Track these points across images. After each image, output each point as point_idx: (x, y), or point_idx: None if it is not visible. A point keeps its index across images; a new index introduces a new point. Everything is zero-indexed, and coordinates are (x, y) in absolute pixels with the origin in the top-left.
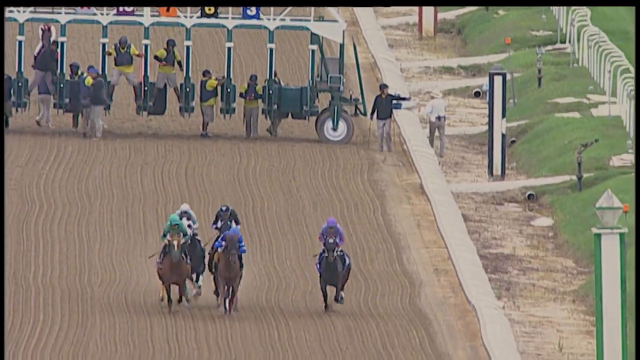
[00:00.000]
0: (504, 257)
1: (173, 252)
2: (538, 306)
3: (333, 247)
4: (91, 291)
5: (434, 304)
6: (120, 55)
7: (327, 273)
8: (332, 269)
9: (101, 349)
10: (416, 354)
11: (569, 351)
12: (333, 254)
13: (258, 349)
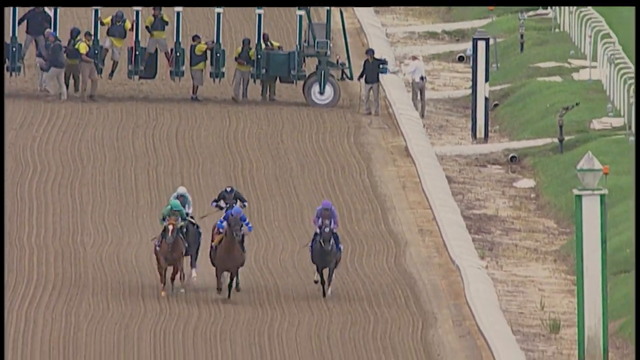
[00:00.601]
0: (487, 218)
1: (167, 238)
2: (520, 266)
3: (329, 237)
4: (84, 251)
5: (418, 264)
6: (113, 27)
7: (320, 256)
8: (325, 253)
9: (94, 308)
10: (401, 312)
11: (551, 310)
12: (329, 244)
13: (247, 307)
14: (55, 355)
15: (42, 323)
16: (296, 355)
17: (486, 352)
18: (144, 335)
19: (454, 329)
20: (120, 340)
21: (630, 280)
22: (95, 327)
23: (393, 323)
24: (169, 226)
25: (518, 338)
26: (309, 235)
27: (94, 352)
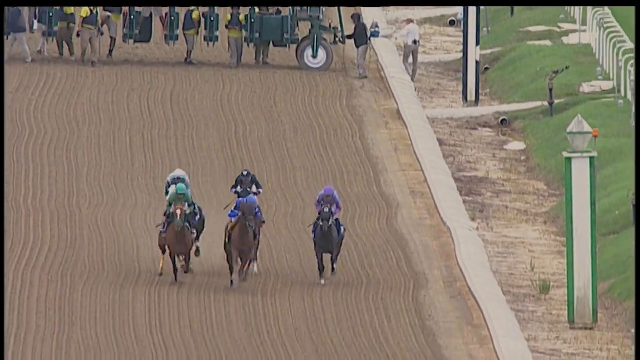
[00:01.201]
0: (478, 180)
1: (176, 221)
2: (511, 227)
3: (328, 216)
4: (79, 213)
5: (410, 225)
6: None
7: (322, 241)
8: (326, 237)
9: (89, 269)
10: (393, 273)
11: (541, 271)
12: (328, 223)
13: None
14: (51, 315)
15: (38, 284)
16: (289, 316)
17: (477, 312)
18: (139, 296)
19: (445, 290)
20: (116, 301)
21: (619, 242)
22: (91, 288)
23: (385, 284)
24: (177, 211)
25: (508, 299)
26: (302, 197)
27: (90, 313)
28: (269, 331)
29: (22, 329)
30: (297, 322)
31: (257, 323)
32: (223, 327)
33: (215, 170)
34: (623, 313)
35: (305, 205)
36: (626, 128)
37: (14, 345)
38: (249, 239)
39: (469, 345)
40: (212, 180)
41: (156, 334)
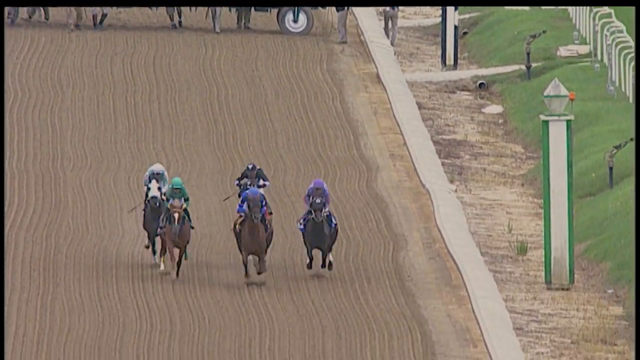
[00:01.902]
0: (456, 143)
1: (173, 226)
2: (488, 189)
3: (320, 207)
4: (64, 175)
5: (389, 188)
6: None
7: (313, 234)
8: (318, 230)
9: (73, 231)
10: (373, 235)
11: (518, 232)
12: (320, 214)
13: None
14: (35, 276)
15: (22, 245)
16: (270, 277)
17: (455, 273)
18: (122, 258)
19: (424, 251)
20: (99, 262)
21: (595, 204)
22: (75, 250)
23: (365, 245)
24: (175, 214)
25: (486, 260)
26: (283, 160)
27: (74, 274)
28: (250, 292)
29: (7, 289)
30: (278, 283)
31: (239, 285)
32: (205, 289)
33: (197, 134)
34: (599, 274)
35: (285, 167)
36: (602, 92)
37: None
38: (259, 237)
39: (447, 305)
40: (194, 143)
41: (139, 295)
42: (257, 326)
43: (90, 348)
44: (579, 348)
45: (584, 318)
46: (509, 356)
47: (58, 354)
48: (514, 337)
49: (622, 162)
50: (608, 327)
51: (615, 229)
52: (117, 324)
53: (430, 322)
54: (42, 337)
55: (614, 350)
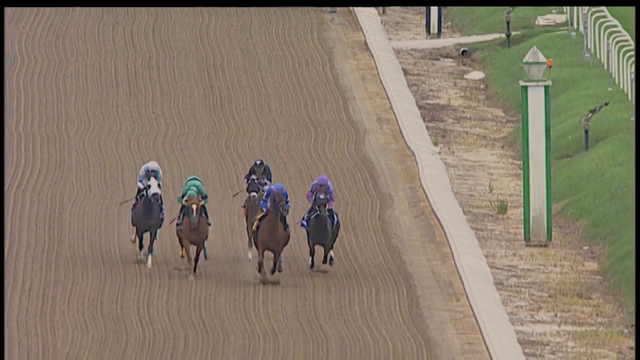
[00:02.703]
0: (440, 107)
1: (192, 218)
2: (471, 151)
3: (324, 202)
4: (67, 138)
5: (377, 150)
6: None
7: (316, 231)
8: (322, 226)
9: (77, 190)
10: (361, 194)
11: (499, 192)
12: (324, 209)
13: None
14: (41, 234)
15: (29, 204)
16: None
17: (439, 231)
18: (123, 216)
19: (409, 210)
20: (102, 219)
21: (572, 165)
22: (78, 208)
23: (353, 204)
24: (192, 205)
25: (468, 218)
26: (276, 123)
27: (77, 231)
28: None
29: (14, 246)
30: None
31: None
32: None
33: (194, 98)
34: (575, 231)
35: (278, 130)
36: (578, 59)
37: (7, 261)
38: (277, 234)
39: (431, 261)
40: (191, 107)
41: (139, 253)
42: (250, 282)
43: (93, 301)
44: (556, 302)
45: (560, 273)
46: (489, 309)
47: (62, 306)
48: (494, 291)
49: (597, 126)
50: (583, 282)
51: (590, 189)
52: (118, 279)
53: (415, 277)
54: (47, 290)
55: (589, 304)
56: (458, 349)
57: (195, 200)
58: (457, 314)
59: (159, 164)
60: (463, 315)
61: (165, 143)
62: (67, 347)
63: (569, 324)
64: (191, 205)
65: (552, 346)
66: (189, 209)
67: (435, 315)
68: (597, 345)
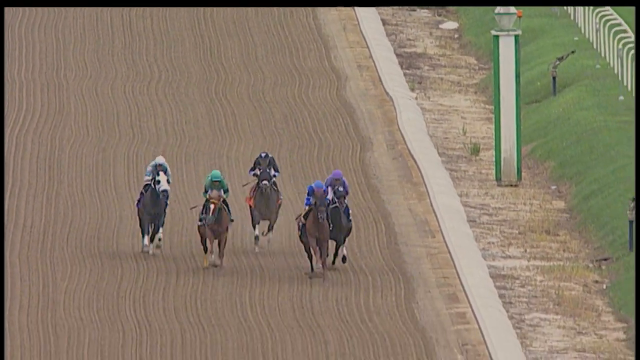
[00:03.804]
0: (416, 55)
1: (208, 218)
2: (445, 97)
3: (343, 194)
4: (66, 84)
5: (357, 95)
6: None
7: (332, 225)
8: (337, 221)
9: (75, 133)
10: (342, 137)
11: (472, 135)
12: (344, 202)
13: None
14: (41, 174)
15: (30, 146)
16: (251, 176)
17: (415, 171)
18: (119, 157)
19: (387, 152)
20: (98, 161)
21: (540, 110)
22: (77, 150)
23: (335, 147)
24: (211, 205)
25: (443, 159)
26: (262, 70)
27: (75, 171)
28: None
29: (16, 186)
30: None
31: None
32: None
33: (185, 47)
34: (544, 172)
35: (264, 77)
36: (547, 9)
37: (9, 200)
38: (324, 227)
39: (408, 200)
40: (182, 56)
41: (134, 189)
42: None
43: (90, 238)
44: (526, 238)
45: (530, 211)
46: (463, 245)
47: (62, 242)
48: (467, 228)
49: (564, 73)
50: (551, 220)
51: (558, 132)
52: (114, 217)
53: (393, 215)
54: (48, 227)
55: (557, 240)
56: (433, 283)
57: (215, 199)
58: (433, 250)
59: (152, 109)
60: (438, 250)
61: (158, 89)
62: (66, 281)
63: (538, 259)
64: (210, 204)
65: (521, 280)
66: (207, 209)
67: (412, 250)
68: (564, 279)
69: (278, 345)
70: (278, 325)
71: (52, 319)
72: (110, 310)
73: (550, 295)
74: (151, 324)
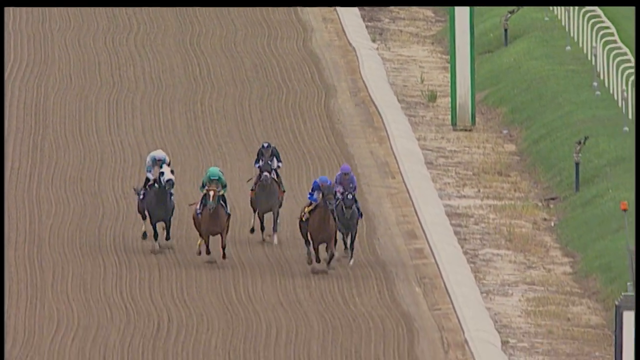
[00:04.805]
0: (377, 9)
1: (209, 203)
2: (404, 47)
3: (351, 204)
4: (51, 35)
5: (322, 46)
6: None
7: (341, 219)
8: (346, 217)
9: (59, 81)
10: (308, 85)
11: (429, 83)
12: (350, 211)
13: None
14: (28, 119)
15: (17, 94)
16: (223, 122)
17: (376, 117)
18: (101, 104)
19: (351, 99)
20: (81, 107)
21: (493, 59)
22: (61, 98)
23: (301, 94)
24: (210, 192)
25: (402, 106)
26: (235, 24)
27: (60, 118)
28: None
29: (5, 131)
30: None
31: None
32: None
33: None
34: (496, 117)
35: (236, 29)
36: None
37: None
38: (329, 226)
39: (370, 144)
40: (160, 9)
41: (114, 132)
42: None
43: (74, 179)
44: (479, 179)
45: (483, 154)
46: (421, 186)
47: (47, 183)
48: (425, 170)
49: (515, 25)
50: (503, 162)
51: (509, 80)
52: (96, 159)
53: (356, 157)
54: (34, 169)
55: (508, 181)
56: (393, 221)
57: (213, 187)
58: (393, 190)
59: (132, 59)
60: (398, 191)
61: (136, 40)
62: (51, 219)
63: (490, 199)
64: (209, 191)
65: (475, 218)
66: (207, 196)
67: (374, 191)
68: (514, 217)
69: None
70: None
71: (37, 255)
72: (92, 247)
73: (502, 232)
74: (130, 261)
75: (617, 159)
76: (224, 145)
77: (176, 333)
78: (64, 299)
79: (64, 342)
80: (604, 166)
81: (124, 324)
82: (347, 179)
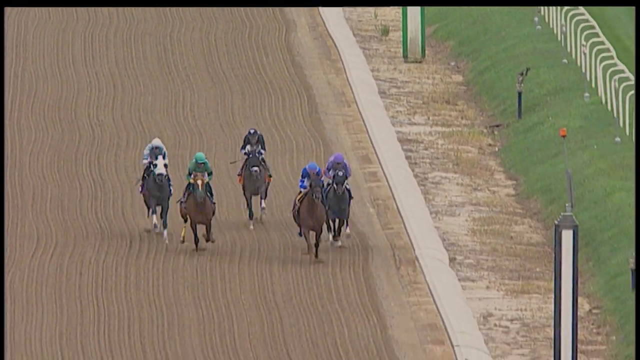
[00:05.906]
0: None
1: (198, 192)
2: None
3: (342, 180)
4: None
5: (294, 11)
6: None
7: (335, 205)
8: (340, 200)
9: (38, 17)
10: (269, 20)
11: (382, 18)
12: (342, 187)
13: None
14: (8, 51)
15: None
16: (191, 54)
17: (334, 50)
18: (77, 37)
19: (309, 33)
20: (59, 40)
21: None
22: (40, 31)
23: (264, 28)
24: (198, 181)
25: (357, 39)
26: (215, 17)
27: (39, 50)
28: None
29: None
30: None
31: None
32: None
33: None
34: (444, 50)
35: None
36: None
37: None
38: (317, 214)
39: (327, 74)
40: None
41: (90, 65)
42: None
43: (52, 107)
44: (429, 107)
45: (432, 84)
46: (374, 114)
47: (27, 112)
48: (378, 99)
49: None
50: (451, 91)
51: (457, 15)
52: (73, 89)
53: (314, 87)
54: (15, 98)
55: (456, 109)
56: (349, 146)
57: (201, 176)
58: (349, 118)
59: (108, 19)
60: (353, 118)
61: None
62: (31, 145)
63: (439, 126)
64: (197, 181)
65: (425, 143)
66: (195, 185)
67: (331, 118)
68: (462, 143)
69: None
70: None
71: (18, 177)
72: (69, 170)
73: (450, 157)
74: (105, 182)
75: (556, 88)
76: (191, 75)
77: (147, 251)
78: (43, 219)
79: (43, 258)
80: (544, 95)
81: (98, 242)
82: (339, 167)
